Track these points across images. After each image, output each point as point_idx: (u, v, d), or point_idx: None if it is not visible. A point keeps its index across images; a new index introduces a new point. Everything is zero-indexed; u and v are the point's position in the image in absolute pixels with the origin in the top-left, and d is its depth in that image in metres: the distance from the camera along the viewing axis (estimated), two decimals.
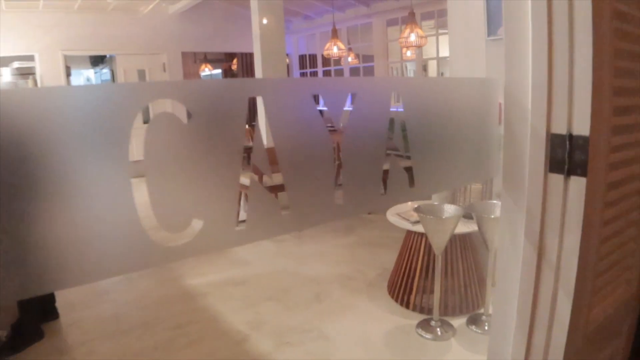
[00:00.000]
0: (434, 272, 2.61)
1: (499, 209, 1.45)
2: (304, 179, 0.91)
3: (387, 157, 1.04)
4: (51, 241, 0.65)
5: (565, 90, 1.01)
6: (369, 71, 8.00)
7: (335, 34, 6.33)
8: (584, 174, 0.99)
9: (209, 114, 0.78)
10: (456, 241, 2.68)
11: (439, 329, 2.50)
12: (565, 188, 1.03)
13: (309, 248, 3.97)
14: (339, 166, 0.97)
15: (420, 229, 2.60)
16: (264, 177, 2.39)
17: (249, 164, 1.00)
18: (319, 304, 2.93)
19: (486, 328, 2.49)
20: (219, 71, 10.90)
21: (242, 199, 3.00)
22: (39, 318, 2.69)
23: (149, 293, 3.18)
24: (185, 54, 8.19)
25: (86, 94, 0.67)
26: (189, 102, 0.75)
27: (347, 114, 0.98)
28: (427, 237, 2.51)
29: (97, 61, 9.72)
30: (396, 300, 2.85)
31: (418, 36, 5.12)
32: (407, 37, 5.14)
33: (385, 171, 1.05)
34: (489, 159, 1.31)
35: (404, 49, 7.22)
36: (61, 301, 2.88)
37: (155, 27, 7.47)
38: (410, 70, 9.13)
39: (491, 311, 1.95)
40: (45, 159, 0.63)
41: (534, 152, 1.08)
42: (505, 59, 1.14)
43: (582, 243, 1.03)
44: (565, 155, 1.01)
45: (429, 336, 2.46)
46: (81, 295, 3.11)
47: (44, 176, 0.63)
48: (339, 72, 8.74)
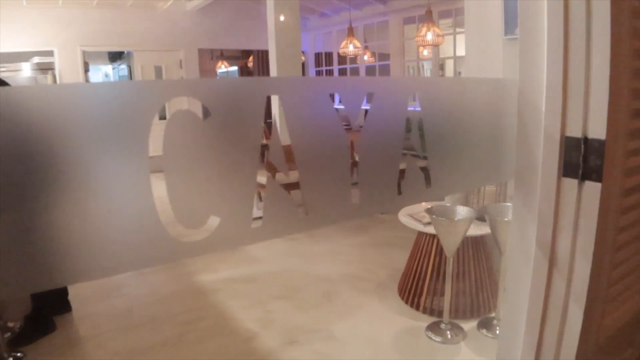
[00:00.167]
0: (445, 274, 2.58)
1: (512, 208, 1.42)
2: (320, 177, 0.91)
3: (402, 157, 1.02)
4: (72, 235, 0.66)
5: (581, 92, 0.98)
6: (385, 70, 7.95)
7: (351, 32, 6.30)
8: (599, 179, 0.96)
9: (227, 112, 0.78)
10: (468, 244, 2.64)
11: (448, 332, 2.46)
12: (579, 193, 1.00)
13: (321, 247, 3.96)
14: (353, 164, 0.96)
15: (431, 230, 2.57)
16: (277, 174, 2.39)
17: (262, 161, 1.00)
18: (328, 303, 2.92)
19: (497, 332, 2.45)
20: (235, 68, 10.94)
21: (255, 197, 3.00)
22: (51, 311, 2.72)
23: (160, 288, 3.20)
24: (201, 51, 8.23)
25: (108, 90, 0.68)
26: (207, 100, 0.75)
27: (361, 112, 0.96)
28: (438, 238, 2.48)
29: (115, 57, 9.84)
30: (406, 302, 2.83)
31: (435, 35, 5.07)
32: (424, 35, 5.09)
33: (401, 171, 1.04)
34: (504, 160, 1.28)
35: (420, 48, 7.15)
36: (74, 294, 2.92)
37: (173, 23, 7.52)
38: (426, 69, 9.05)
39: (502, 313, 1.92)
40: (67, 154, 0.64)
41: (547, 155, 1.05)
42: (520, 59, 1.11)
43: (595, 250, 0.99)
44: (580, 159, 0.98)
45: (438, 339, 2.43)
46: (94, 289, 3.14)
47: (65, 170, 0.64)
48: (355, 70, 8.70)
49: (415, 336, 2.49)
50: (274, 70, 5.54)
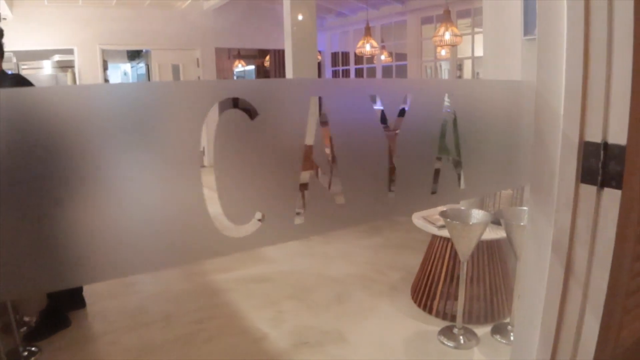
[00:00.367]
0: (458, 278, 2.54)
1: (528, 213, 1.38)
2: (360, 176, 0.95)
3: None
4: (126, 228, 0.69)
5: (601, 95, 0.94)
6: (401, 70, 7.89)
7: (368, 31, 6.27)
8: (618, 186, 0.92)
9: (275, 112, 0.82)
10: (483, 248, 2.59)
11: (461, 337, 2.42)
12: (598, 200, 0.96)
13: (334, 248, 3.94)
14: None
15: (445, 233, 2.53)
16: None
17: None
18: (340, 305, 2.90)
19: (512, 338, 2.40)
20: (252, 67, 10.98)
21: None
22: (66, 306, 2.76)
23: (173, 286, 3.22)
24: (218, 50, 8.27)
25: (164, 90, 0.72)
26: (256, 100, 0.79)
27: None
28: (452, 242, 2.44)
29: (133, 55, 9.96)
30: (419, 305, 2.79)
31: (453, 35, 5.01)
32: (442, 35, 5.03)
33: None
34: (521, 165, 1.25)
35: (438, 48, 7.08)
36: (88, 290, 2.95)
37: (190, 22, 7.58)
38: (444, 69, 8.96)
39: (516, 318, 1.88)
40: (122, 150, 0.67)
41: (565, 161, 1.02)
42: (538, 60, 1.08)
43: (613, 260, 0.96)
44: (599, 165, 0.95)
45: (451, 344, 2.39)
46: (108, 286, 3.17)
47: (122, 166, 0.67)
48: (372, 70, 8.65)
49: (427, 340, 2.46)
50: (289, 69, 5.53)
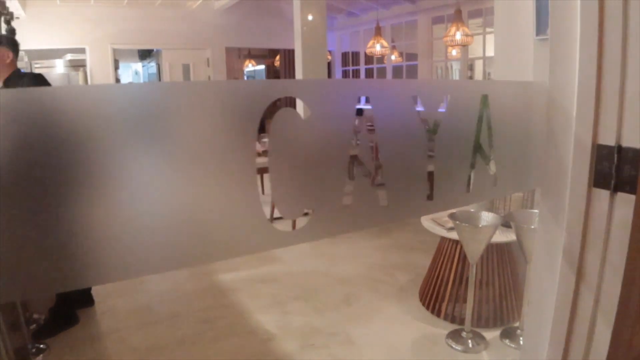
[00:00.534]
0: (467, 281, 2.51)
1: (538, 217, 1.36)
2: (401, 173, 0.98)
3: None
4: (173, 222, 0.72)
5: (615, 96, 0.92)
6: (412, 70, 7.85)
7: (378, 31, 6.25)
8: (633, 190, 0.90)
9: (326, 111, 0.86)
10: (493, 250, 2.56)
11: (470, 340, 2.40)
12: (611, 205, 0.94)
13: (342, 249, 3.92)
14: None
15: (455, 236, 2.50)
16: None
17: None
18: (347, 306, 2.88)
19: (521, 343, 2.36)
20: (262, 67, 10.99)
21: None
22: (75, 304, 2.77)
23: (181, 285, 3.23)
24: (229, 50, 8.29)
25: (222, 89, 0.76)
26: (308, 99, 0.82)
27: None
28: (462, 244, 2.42)
29: (144, 55, 10.01)
30: (427, 308, 2.77)
31: (464, 34, 4.97)
32: (453, 35, 5.00)
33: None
34: (532, 168, 1.23)
35: (449, 48, 7.03)
36: (97, 288, 2.96)
37: (201, 22, 7.60)
38: (455, 69, 8.90)
39: (525, 324, 1.85)
40: (185, 148, 0.71)
41: (577, 164, 0.99)
42: (550, 61, 1.05)
43: (627, 266, 0.93)
44: (613, 169, 0.92)
45: (459, 347, 2.36)
46: (116, 284, 3.19)
47: (188, 162, 0.71)
48: (382, 71, 8.61)
49: (435, 343, 2.43)
50: (299, 69, 5.52)
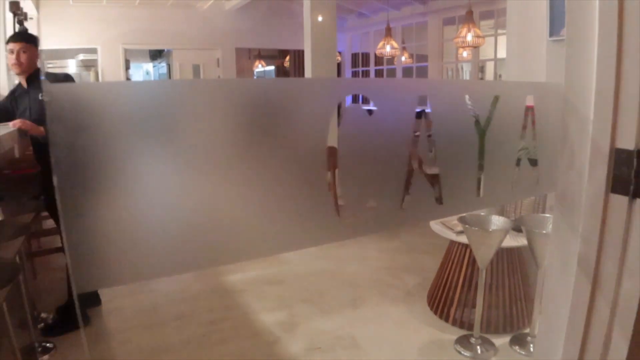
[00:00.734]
0: (477, 285, 2.47)
1: (552, 223, 1.32)
2: (454, 170, 1.02)
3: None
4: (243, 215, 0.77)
5: (636, 99, 0.88)
6: (422, 71, 7.79)
7: (389, 32, 6.21)
8: None
9: (388, 108, 0.90)
10: (503, 255, 2.51)
11: (479, 346, 2.35)
12: (630, 212, 0.90)
13: (350, 251, 3.89)
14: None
15: (464, 239, 2.46)
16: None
17: None
18: (354, 309, 2.85)
19: (531, 350, 2.32)
20: (272, 68, 11.00)
21: None
22: (82, 303, 2.76)
23: (188, 286, 3.21)
24: (239, 50, 8.30)
25: (298, 86, 0.81)
26: (374, 96, 0.87)
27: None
28: (471, 248, 2.37)
29: (155, 55, 10.06)
30: (435, 313, 2.72)
31: (475, 36, 4.92)
32: (464, 36, 4.94)
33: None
34: (546, 172, 1.19)
35: (459, 50, 6.96)
36: (104, 289, 2.96)
37: (211, 23, 7.61)
38: (465, 71, 8.82)
39: (537, 332, 1.81)
40: (259, 145, 0.75)
41: (594, 169, 0.95)
42: (566, 62, 1.02)
43: None
44: (632, 174, 0.88)
45: (467, 354, 2.32)
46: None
47: (238, 159, 0.75)
48: (391, 72, 8.57)
49: (443, 349, 2.39)
50: (308, 70, 5.50)
